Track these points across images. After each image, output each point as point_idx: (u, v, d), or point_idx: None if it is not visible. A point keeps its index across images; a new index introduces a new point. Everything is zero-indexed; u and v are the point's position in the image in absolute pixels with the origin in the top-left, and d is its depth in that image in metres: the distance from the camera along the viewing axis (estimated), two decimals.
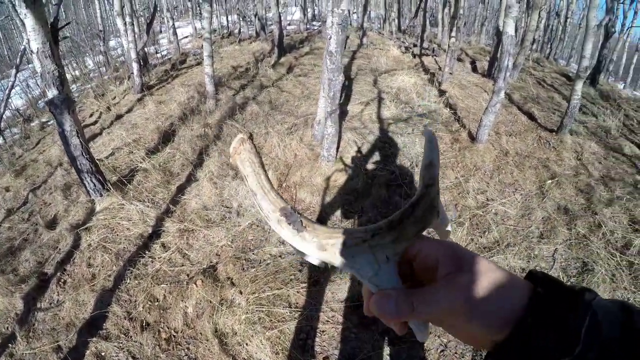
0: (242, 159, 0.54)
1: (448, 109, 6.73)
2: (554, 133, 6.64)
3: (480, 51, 12.80)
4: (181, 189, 5.25)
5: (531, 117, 7.20)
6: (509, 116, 7.11)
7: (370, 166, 5.31)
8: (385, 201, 4.69)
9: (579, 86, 6.24)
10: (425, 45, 11.32)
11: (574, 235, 4.51)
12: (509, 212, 4.70)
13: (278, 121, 6.59)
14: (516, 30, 18.50)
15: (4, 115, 9.68)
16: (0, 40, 27.84)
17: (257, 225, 4.49)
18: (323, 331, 3.31)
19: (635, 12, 15.78)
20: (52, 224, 5.12)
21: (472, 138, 5.82)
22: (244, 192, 4.89)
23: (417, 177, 5.05)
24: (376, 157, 5.47)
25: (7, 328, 3.85)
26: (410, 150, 5.53)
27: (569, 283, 0.56)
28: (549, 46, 17.50)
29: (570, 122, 6.50)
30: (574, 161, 6.16)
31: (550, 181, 5.35)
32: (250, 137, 0.47)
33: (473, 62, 10.64)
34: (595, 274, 3.87)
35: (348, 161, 5.39)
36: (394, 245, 0.49)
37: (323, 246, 0.49)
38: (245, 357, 3.16)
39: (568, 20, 18.28)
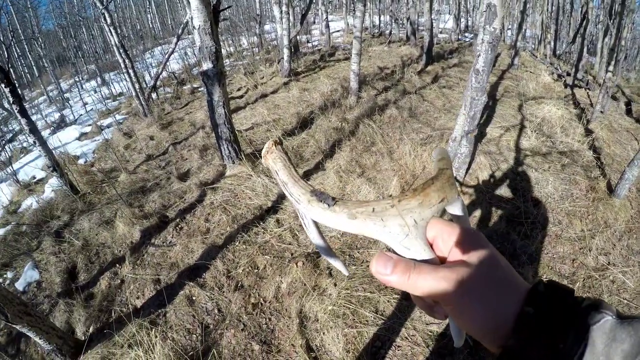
0: (274, 157, 0.59)
1: (591, 152, 6.22)
2: None
3: (639, 91, 11.52)
4: (307, 175, 5.53)
5: None
6: None
7: (496, 195, 5.14)
8: (501, 235, 4.51)
9: None
10: (579, 75, 10.52)
11: None
12: (627, 283, 4.27)
13: (414, 129, 6.64)
14: None
15: (161, 75, 10.81)
16: (167, 11, 31.17)
17: None
18: (399, 346, 3.32)
19: None
20: (183, 177, 5.76)
21: (610, 190, 5.34)
22: (365, 191, 5.02)
23: (543, 220, 4.82)
24: (504, 187, 5.26)
25: (120, 251, 4.49)
26: (542, 189, 5.24)
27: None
28: None
29: None
30: None
31: None
32: (281, 142, 0.56)
33: (628, 103, 9.65)
34: None
35: (475, 185, 5.29)
36: (420, 210, 0.50)
37: (353, 215, 0.50)
38: (318, 345, 3.31)
39: None
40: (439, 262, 0.49)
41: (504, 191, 5.18)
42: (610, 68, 7.67)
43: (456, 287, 0.43)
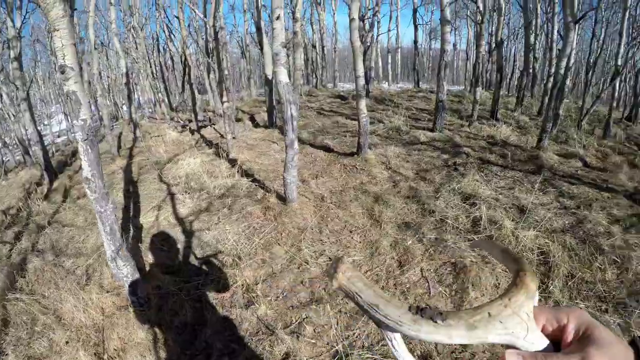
0: (349, 276, 0.56)
1: (245, 178, 6.17)
2: (355, 155, 6.57)
3: (255, 104, 12.78)
4: None
5: (327, 149, 7.08)
6: (306, 157, 6.87)
7: (183, 286, 4.35)
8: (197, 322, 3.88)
9: (363, 104, 6.33)
10: (201, 117, 10.83)
11: (428, 244, 4.41)
12: (356, 259, 4.32)
13: (68, 270, 5.31)
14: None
15: None
16: None
17: None
18: None
19: (378, 22, 18.30)
20: None
21: (283, 199, 5.35)
22: None
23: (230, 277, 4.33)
24: (187, 269, 4.57)
25: None
26: (224, 245, 4.77)
27: None
28: (314, 76, 18.67)
29: (366, 140, 6.50)
30: (386, 172, 6.15)
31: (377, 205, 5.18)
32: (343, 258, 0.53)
33: (252, 117, 10.43)
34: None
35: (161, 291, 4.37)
36: (527, 302, 0.53)
37: (472, 325, 0.50)
38: None
39: (325, 48, 19.87)
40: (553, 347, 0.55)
41: (186, 275, 4.51)
42: (224, 99, 7.90)
43: None
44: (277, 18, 4.62)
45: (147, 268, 4.67)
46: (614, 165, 7.14)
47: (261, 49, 9.35)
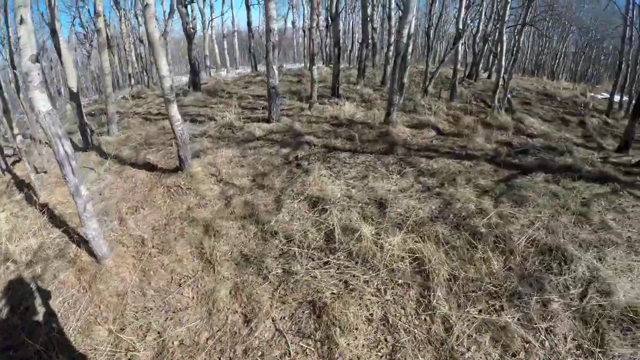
0: None
1: (57, 229, 4.84)
2: (179, 172, 5.48)
3: (72, 122, 10.84)
4: None
5: (151, 166, 5.88)
6: (126, 183, 5.63)
7: None
8: None
9: (175, 110, 5.33)
10: (9, 151, 8.72)
11: (275, 281, 3.69)
12: (191, 326, 3.41)
13: None
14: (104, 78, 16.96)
15: None
16: None
17: None
18: None
19: (211, 6, 18.64)
20: None
21: (95, 255, 4.11)
22: None
23: None
24: None
25: None
26: (38, 339, 3.50)
27: None
28: (145, 73, 16.95)
29: (186, 152, 5.44)
30: (216, 187, 5.25)
31: (210, 238, 4.30)
32: None
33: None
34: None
35: None
36: None
37: None
38: None
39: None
40: None
41: None
42: (16, 131, 6.34)
43: None
44: (21, 22, 3.29)
45: None
46: (467, 128, 6.96)
47: (59, 54, 7.54)
